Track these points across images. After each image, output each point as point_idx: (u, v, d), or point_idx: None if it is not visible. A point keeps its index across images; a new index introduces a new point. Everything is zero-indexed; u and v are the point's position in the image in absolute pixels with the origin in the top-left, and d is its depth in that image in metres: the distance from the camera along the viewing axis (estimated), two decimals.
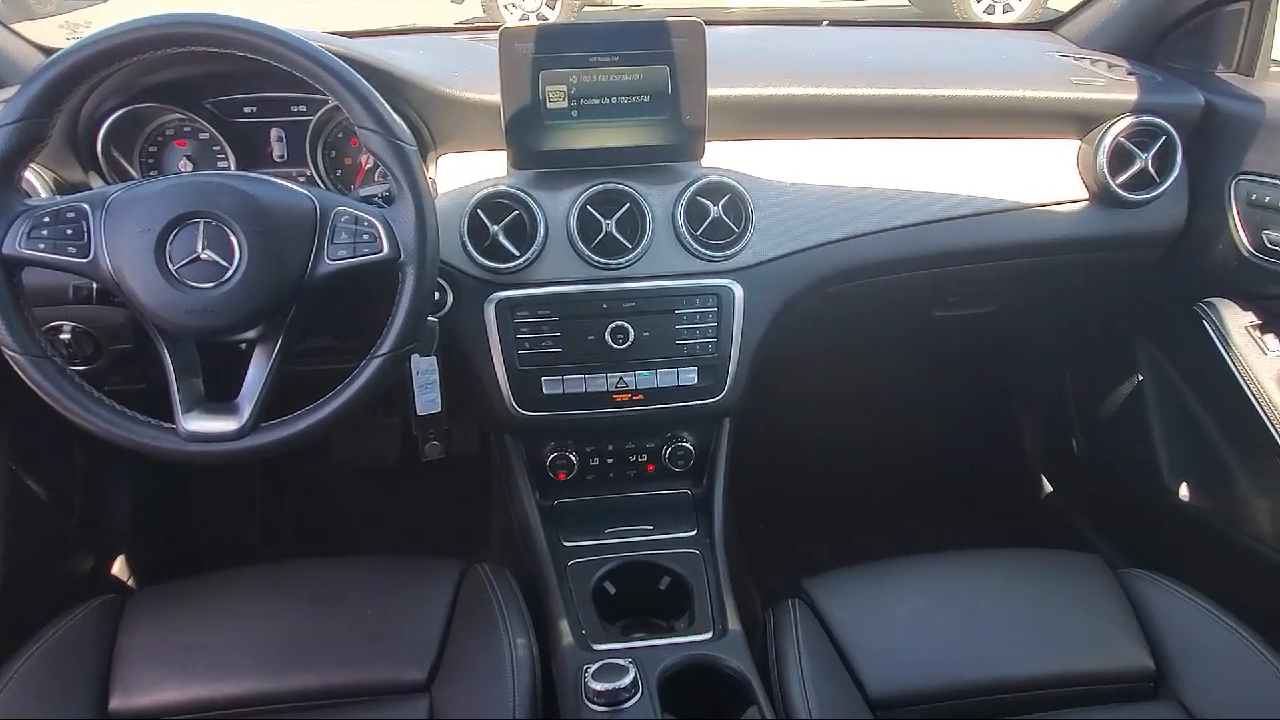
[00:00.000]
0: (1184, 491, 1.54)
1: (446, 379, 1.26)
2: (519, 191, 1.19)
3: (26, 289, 0.93)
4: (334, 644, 1.08)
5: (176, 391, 0.95)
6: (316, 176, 1.23)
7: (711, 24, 1.15)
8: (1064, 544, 1.76)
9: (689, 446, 1.34)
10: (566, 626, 1.14)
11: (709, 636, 1.13)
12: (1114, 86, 1.36)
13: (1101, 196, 1.34)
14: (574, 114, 1.15)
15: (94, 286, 1.02)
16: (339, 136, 1.24)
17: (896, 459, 2.08)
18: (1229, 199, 1.32)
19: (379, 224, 0.94)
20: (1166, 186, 1.33)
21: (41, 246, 0.90)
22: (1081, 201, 1.35)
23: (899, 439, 2.08)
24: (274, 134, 1.22)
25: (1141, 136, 1.32)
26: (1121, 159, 1.32)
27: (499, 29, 1.12)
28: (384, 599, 1.13)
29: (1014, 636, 1.10)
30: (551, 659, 1.11)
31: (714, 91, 1.17)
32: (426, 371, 1.24)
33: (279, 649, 1.07)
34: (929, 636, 1.10)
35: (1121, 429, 1.68)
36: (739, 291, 1.23)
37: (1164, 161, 1.33)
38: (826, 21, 1.76)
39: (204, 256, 0.91)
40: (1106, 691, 1.06)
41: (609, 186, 1.20)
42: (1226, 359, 1.35)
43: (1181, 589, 1.14)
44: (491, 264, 1.18)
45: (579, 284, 1.21)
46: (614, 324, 1.22)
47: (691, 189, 1.21)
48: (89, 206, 0.91)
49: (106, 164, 1.17)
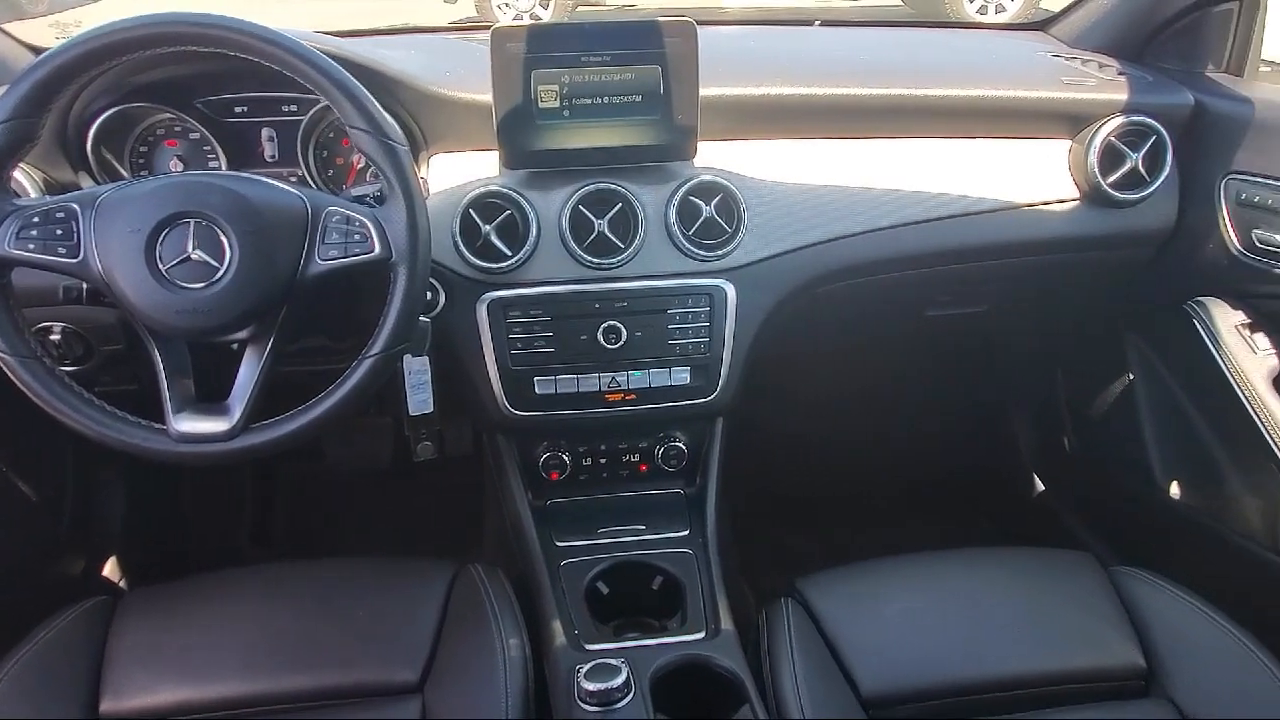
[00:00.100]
0: (1175, 489, 1.54)
1: (439, 379, 1.25)
2: (511, 191, 1.18)
3: (16, 290, 0.93)
4: (326, 645, 1.08)
5: (167, 392, 0.95)
6: (308, 176, 1.22)
7: (704, 24, 1.15)
8: (1056, 542, 1.77)
9: (682, 446, 1.34)
10: (559, 626, 1.14)
11: (701, 636, 1.13)
12: (1105, 86, 1.36)
13: (1092, 196, 1.34)
14: (566, 114, 1.15)
15: (84, 287, 1.01)
16: (330, 136, 1.23)
17: (889, 458, 2.08)
18: (1219, 198, 1.32)
19: (370, 224, 0.94)
20: (1157, 186, 1.34)
21: (31, 247, 0.90)
22: (1073, 201, 1.36)
23: (891, 438, 2.09)
24: (265, 134, 1.21)
25: (1132, 136, 1.33)
26: (1112, 159, 1.32)
27: (490, 28, 1.11)
28: (376, 599, 1.12)
29: (1006, 635, 1.11)
30: (544, 659, 1.11)
31: (706, 91, 1.17)
32: (419, 372, 1.24)
33: (270, 650, 1.07)
34: (921, 635, 1.10)
35: (1113, 427, 1.69)
36: (731, 291, 1.24)
37: (1154, 161, 1.33)
38: (819, 21, 1.76)
39: (194, 257, 0.90)
40: (1098, 689, 1.06)
41: (601, 186, 1.19)
42: (1217, 357, 1.36)
43: (1172, 587, 1.15)
44: (483, 264, 1.18)
45: (571, 284, 1.21)
46: (606, 324, 1.21)
47: (683, 189, 1.21)
48: (79, 206, 0.91)
49: (97, 164, 1.17)
